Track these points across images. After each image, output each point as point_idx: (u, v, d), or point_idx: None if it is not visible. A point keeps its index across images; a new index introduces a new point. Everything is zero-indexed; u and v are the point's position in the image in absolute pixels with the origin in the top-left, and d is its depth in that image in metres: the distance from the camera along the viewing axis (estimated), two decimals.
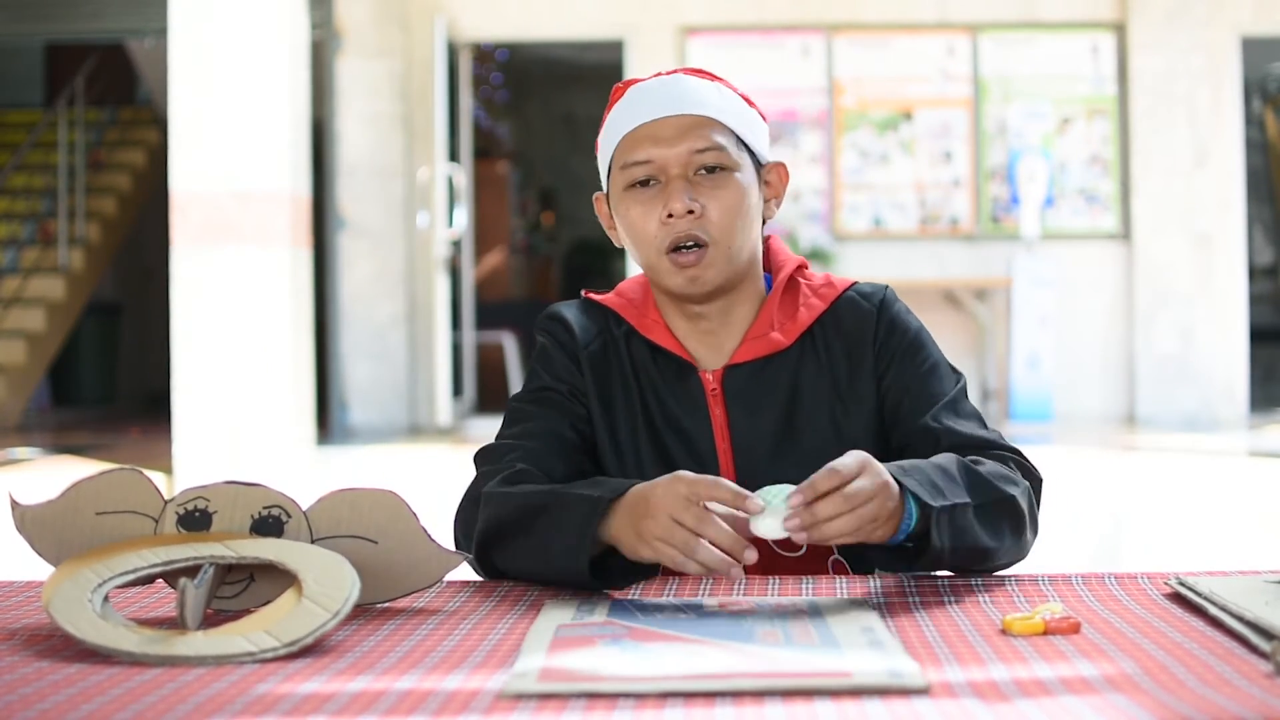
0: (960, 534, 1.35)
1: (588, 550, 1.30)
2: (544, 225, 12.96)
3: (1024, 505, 1.42)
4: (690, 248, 1.51)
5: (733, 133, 1.55)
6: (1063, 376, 8.49)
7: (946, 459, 1.41)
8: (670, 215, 1.50)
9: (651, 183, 1.53)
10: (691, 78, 1.58)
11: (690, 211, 1.50)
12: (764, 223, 1.61)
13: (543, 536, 1.35)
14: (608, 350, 1.60)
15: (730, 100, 1.57)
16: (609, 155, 1.58)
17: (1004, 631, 1.14)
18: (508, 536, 1.40)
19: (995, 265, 8.60)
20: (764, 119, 1.62)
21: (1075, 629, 1.13)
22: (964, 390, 1.58)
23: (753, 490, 1.51)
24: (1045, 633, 1.13)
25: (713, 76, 1.59)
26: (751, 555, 1.23)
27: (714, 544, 1.23)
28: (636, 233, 1.54)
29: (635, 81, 1.60)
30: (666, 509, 1.25)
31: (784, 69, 8.68)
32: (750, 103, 1.60)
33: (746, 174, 1.55)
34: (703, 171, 1.52)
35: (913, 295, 8.33)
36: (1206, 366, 8.60)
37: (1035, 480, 1.49)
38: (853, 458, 1.27)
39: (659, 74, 1.60)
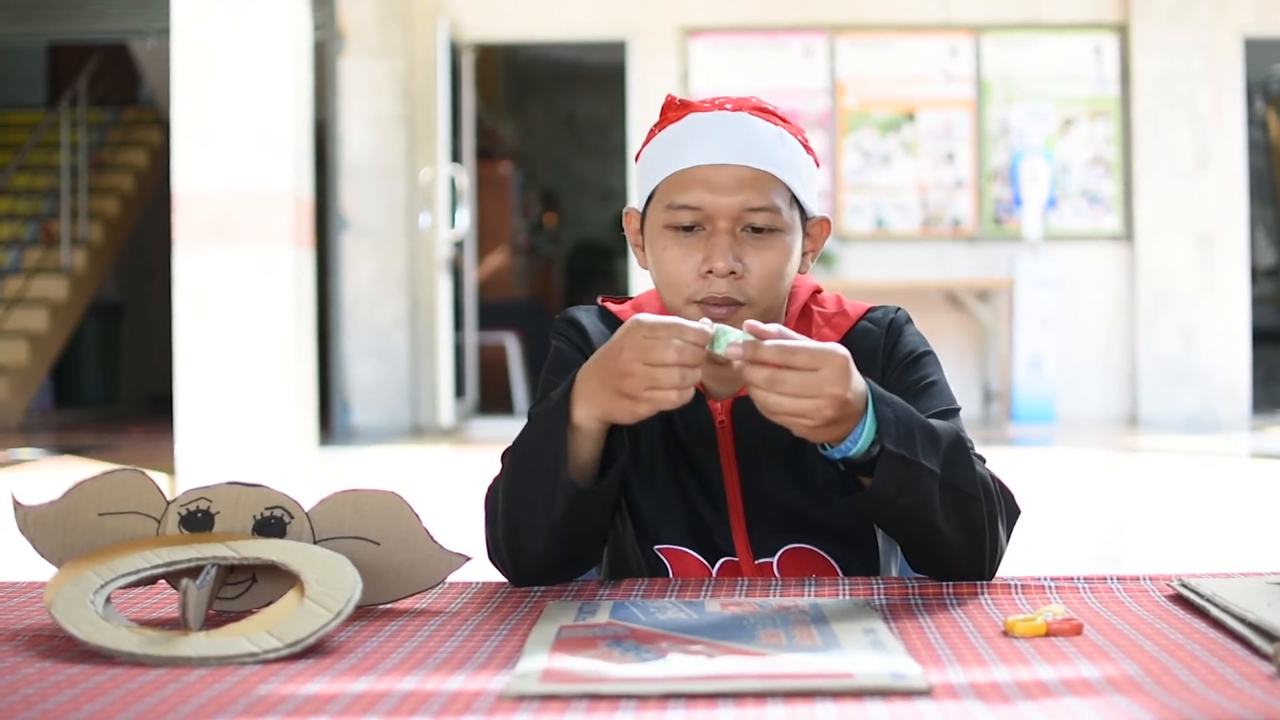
0: (914, 493, 1.32)
1: (564, 433, 1.32)
2: (546, 226, 12.96)
3: (985, 518, 1.37)
4: (723, 304, 1.46)
5: (788, 190, 1.49)
6: (1065, 378, 8.49)
7: (946, 426, 1.37)
8: (710, 271, 1.45)
9: (695, 229, 1.47)
10: (757, 120, 1.49)
11: (732, 272, 1.45)
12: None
13: (529, 444, 1.38)
14: None
15: (792, 151, 1.50)
16: (654, 182, 1.51)
17: (1006, 633, 1.14)
18: (508, 475, 1.40)
19: (997, 266, 8.60)
20: (817, 164, 1.56)
21: (1077, 630, 1.13)
22: (958, 414, 1.53)
23: (761, 519, 1.51)
24: (1047, 634, 1.13)
25: (779, 119, 1.52)
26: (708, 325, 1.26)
27: (683, 364, 1.25)
28: (668, 274, 1.49)
29: (692, 107, 1.52)
30: (639, 359, 1.26)
31: (786, 70, 8.68)
32: (809, 149, 1.53)
33: (793, 235, 1.50)
34: (750, 229, 1.46)
35: (915, 296, 8.33)
36: (1208, 368, 8.60)
37: (1013, 511, 1.44)
38: (829, 350, 1.25)
39: (722, 106, 1.51)
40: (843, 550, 1.53)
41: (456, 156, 8.83)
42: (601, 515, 1.41)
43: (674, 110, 1.53)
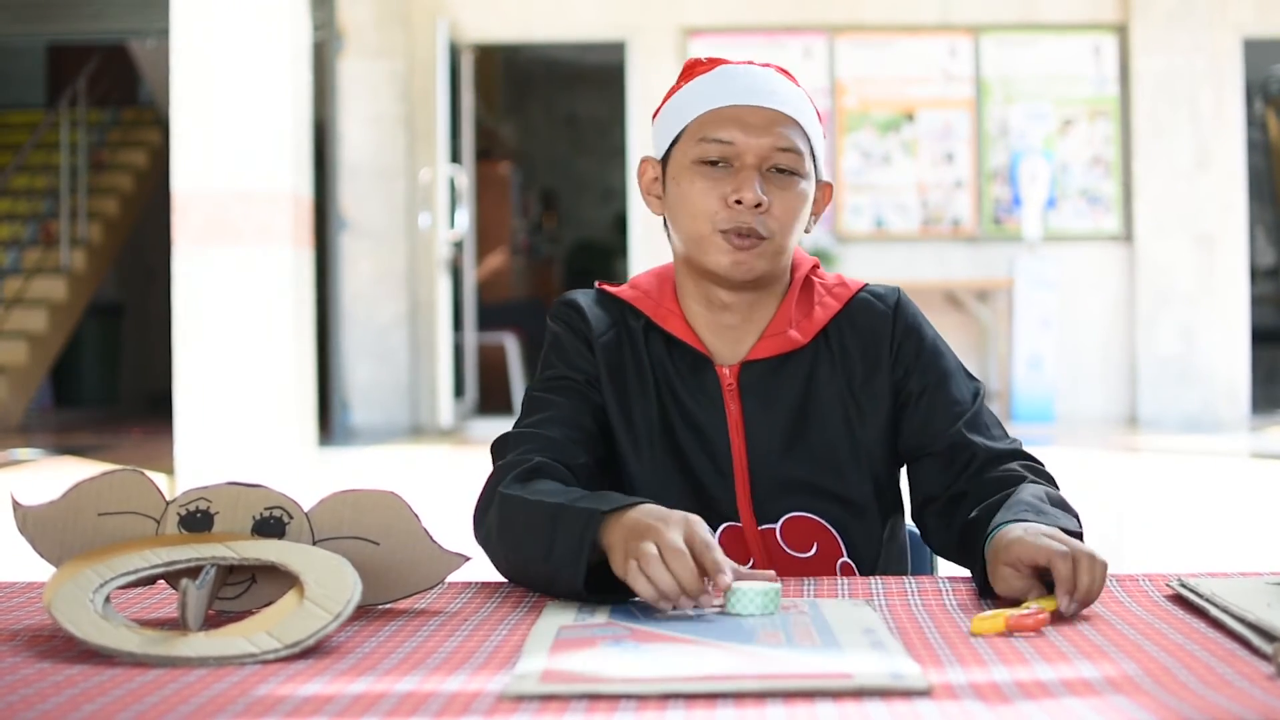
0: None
1: (585, 556, 1.26)
2: (546, 226, 12.97)
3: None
4: (747, 235, 1.51)
5: (809, 141, 1.56)
6: (1064, 377, 8.49)
7: (1039, 496, 1.42)
8: (739, 201, 1.50)
9: (722, 164, 1.53)
10: (785, 78, 1.59)
11: (759, 204, 1.50)
12: None
13: (545, 541, 1.31)
14: (623, 342, 1.59)
15: (812, 111, 1.58)
16: (683, 123, 1.56)
17: (973, 634, 1.14)
18: (515, 540, 1.37)
19: (997, 266, 8.60)
20: (825, 136, 1.63)
21: (1040, 626, 1.13)
22: (983, 399, 1.60)
23: (765, 484, 1.52)
24: (1008, 631, 1.13)
25: (798, 83, 1.60)
26: (706, 599, 1.20)
27: (678, 577, 1.18)
28: (693, 206, 1.53)
29: (721, 61, 1.59)
30: (657, 539, 1.21)
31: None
32: (821, 119, 1.61)
33: (809, 184, 1.56)
34: (774, 170, 1.53)
35: (915, 296, 8.15)
36: (1208, 368, 8.59)
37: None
38: (1056, 539, 1.26)
39: (751, 62, 1.60)
40: (845, 519, 1.56)
41: (456, 157, 8.83)
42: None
43: (701, 65, 1.60)
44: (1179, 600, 1.26)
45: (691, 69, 1.60)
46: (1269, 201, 12.38)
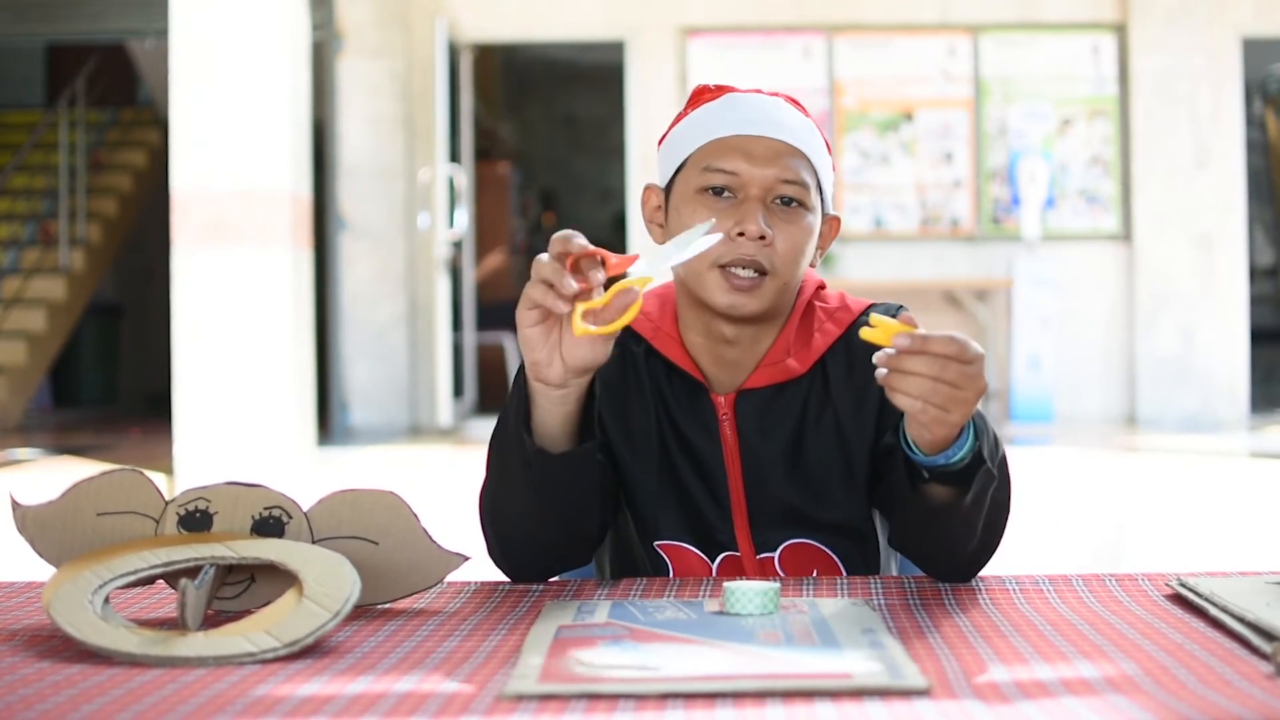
0: (983, 492, 1.33)
1: (524, 395, 1.36)
2: (545, 226, 12.97)
3: (1004, 523, 1.41)
4: (748, 273, 1.48)
5: (816, 174, 1.54)
6: (1064, 377, 8.50)
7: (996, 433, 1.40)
8: (741, 234, 1.47)
9: (726, 194, 1.51)
10: (792, 107, 1.56)
11: (762, 237, 1.47)
12: None
13: (501, 423, 1.41)
14: (625, 365, 1.58)
15: (820, 143, 1.56)
16: (687, 151, 1.54)
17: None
18: (489, 459, 1.43)
19: (996, 266, 8.60)
20: (834, 168, 1.61)
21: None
22: None
23: (762, 514, 1.51)
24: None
25: (807, 113, 1.58)
26: (570, 285, 1.27)
27: (544, 280, 1.29)
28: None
29: (729, 89, 1.57)
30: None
31: (785, 70, 8.68)
32: (830, 150, 1.59)
33: (816, 217, 1.53)
34: (779, 202, 1.50)
35: (914, 296, 8.33)
36: (1207, 367, 8.60)
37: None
38: (970, 341, 1.25)
39: (759, 90, 1.58)
40: (845, 545, 1.54)
41: (455, 156, 8.83)
42: (572, 489, 1.39)
43: (709, 92, 1.58)
44: (1178, 600, 1.26)
45: (698, 96, 1.58)
46: (1268, 201, 12.38)
